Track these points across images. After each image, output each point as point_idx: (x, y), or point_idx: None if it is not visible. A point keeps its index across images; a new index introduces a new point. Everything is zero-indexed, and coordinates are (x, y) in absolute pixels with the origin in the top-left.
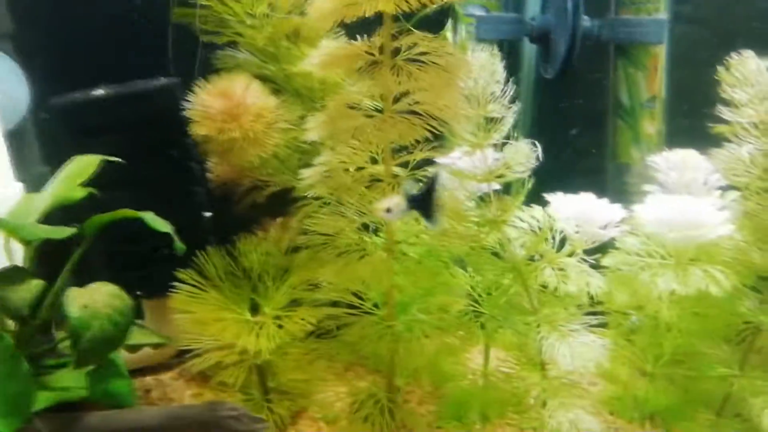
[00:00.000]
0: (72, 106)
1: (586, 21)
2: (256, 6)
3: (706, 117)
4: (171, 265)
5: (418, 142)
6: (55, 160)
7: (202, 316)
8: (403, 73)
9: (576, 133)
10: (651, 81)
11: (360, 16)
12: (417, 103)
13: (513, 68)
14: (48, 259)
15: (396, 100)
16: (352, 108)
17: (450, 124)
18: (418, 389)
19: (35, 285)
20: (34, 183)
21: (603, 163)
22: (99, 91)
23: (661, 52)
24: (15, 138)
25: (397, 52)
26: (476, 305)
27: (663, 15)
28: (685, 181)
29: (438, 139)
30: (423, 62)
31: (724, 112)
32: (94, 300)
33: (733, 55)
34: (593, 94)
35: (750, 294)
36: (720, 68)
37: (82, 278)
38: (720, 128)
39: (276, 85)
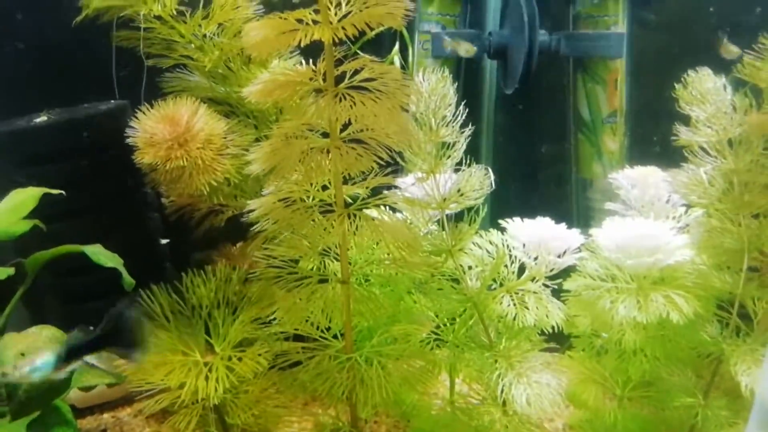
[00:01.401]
0: (13, 134)
1: (543, 35)
2: (204, 27)
3: (670, 128)
4: (125, 295)
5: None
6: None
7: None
8: (348, 101)
9: (544, 149)
10: (611, 96)
11: (296, 46)
12: (365, 130)
13: (473, 84)
14: None
15: (344, 127)
16: (297, 138)
17: (401, 151)
18: (385, 419)
19: None
20: None
21: (566, 177)
22: (42, 117)
23: (621, 66)
24: None
25: (342, 77)
26: (439, 333)
27: (621, 29)
28: (647, 198)
29: (395, 163)
30: (368, 89)
31: (682, 131)
32: (32, 346)
33: (690, 72)
34: (554, 109)
35: (712, 320)
36: (678, 85)
37: (32, 312)
38: (682, 141)
39: (228, 107)
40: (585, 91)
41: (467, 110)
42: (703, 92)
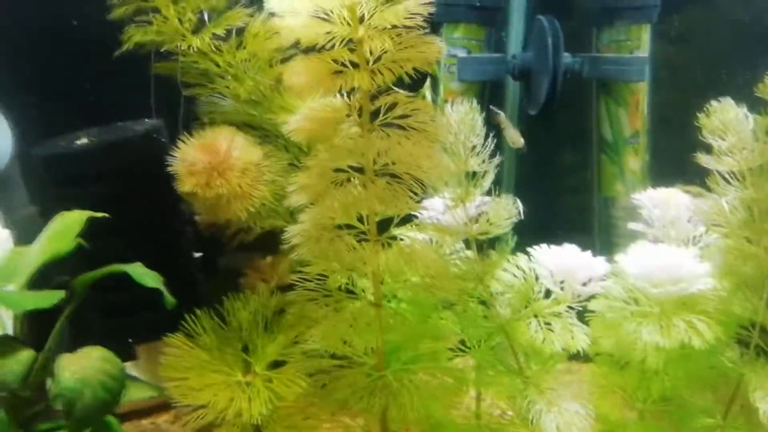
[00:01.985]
0: (55, 157)
1: (567, 58)
2: (237, 56)
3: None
4: (162, 309)
5: None
6: (42, 204)
7: (192, 382)
8: (384, 139)
9: (567, 168)
10: (633, 117)
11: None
12: (398, 163)
13: (497, 104)
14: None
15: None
16: (334, 171)
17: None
18: (414, 430)
19: (25, 356)
20: (22, 224)
21: (589, 196)
22: (83, 140)
23: (643, 88)
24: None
25: (377, 113)
26: (467, 350)
27: (644, 53)
28: (669, 218)
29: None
30: (402, 127)
31: (704, 160)
32: (85, 367)
33: (713, 102)
34: (577, 129)
35: (732, 345)
36: (701, 115)
37: (71, 328)
38: (701, 158)
39: (263, 131)
40: (608, 113)
41: (490, 131)
42: (725, 122)
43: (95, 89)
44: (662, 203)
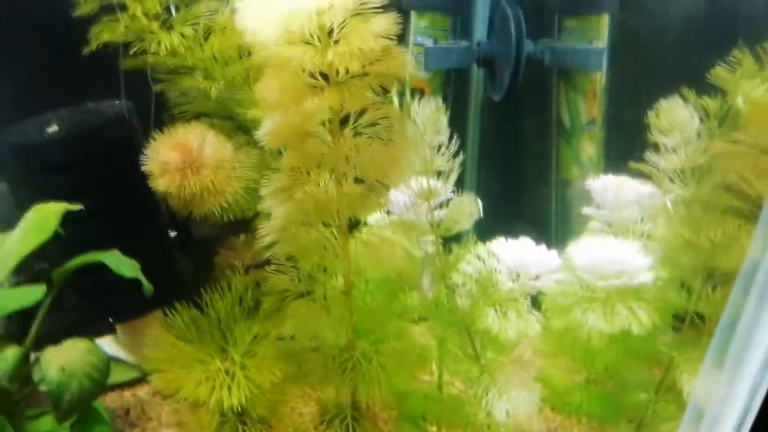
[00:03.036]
0: (26, 147)
1: (529, 45)
2: (206, 50)
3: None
4: (140, 288)
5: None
6: (13, 187)
7: (174, 375)
8: (352, 145)
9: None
10: (590, 105)
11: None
12: (366, 169)
13: (461, 91)
14: None
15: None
16: (303, 173)
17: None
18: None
19: (12, 354)
20: None
21: (548, 178)
22: (53, 128)
23: (600, 78)
24: None
25: (347, 117)
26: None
27: (602, 43)
28: (619, 204)
29: None
30: (371, 135)
31: (651, 158)
32: (70, 359)
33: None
34: (539, 115)
35: (667, 329)
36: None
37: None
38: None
39: (234, 122)
40: (567, 100)
41: (455, 115)
42: (672, 122)
43: (65, 73)
44: (614, 188)
